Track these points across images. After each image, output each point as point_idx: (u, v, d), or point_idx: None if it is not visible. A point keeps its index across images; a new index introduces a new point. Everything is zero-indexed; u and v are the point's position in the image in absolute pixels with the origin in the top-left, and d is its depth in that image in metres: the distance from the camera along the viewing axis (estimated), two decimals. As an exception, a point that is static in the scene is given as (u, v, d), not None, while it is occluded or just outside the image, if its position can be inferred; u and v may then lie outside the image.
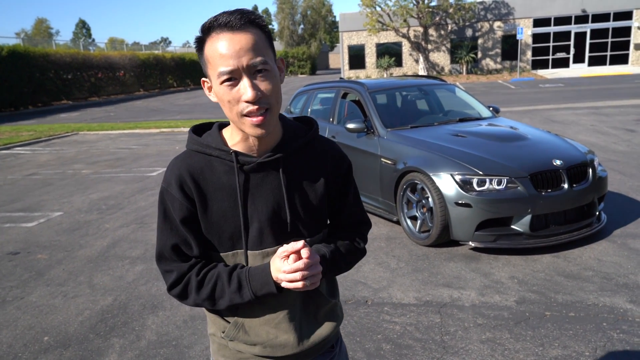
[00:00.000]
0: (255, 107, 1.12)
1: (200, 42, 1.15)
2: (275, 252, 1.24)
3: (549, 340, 2.95)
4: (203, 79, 1.24)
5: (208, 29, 1.13)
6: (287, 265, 1.14)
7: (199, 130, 1.32)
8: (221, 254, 1.26)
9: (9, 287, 4.11)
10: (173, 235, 1.24)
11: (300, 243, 1.15)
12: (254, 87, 1.11)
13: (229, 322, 1.32)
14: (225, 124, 1.32)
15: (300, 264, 1.14)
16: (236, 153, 1.23)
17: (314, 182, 1.30)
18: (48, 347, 3.15)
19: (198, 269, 1.24)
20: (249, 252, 1.25)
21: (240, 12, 1.12)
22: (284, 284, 1.17)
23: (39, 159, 10.27)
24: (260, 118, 1.13)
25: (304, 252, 1.14)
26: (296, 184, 1.28)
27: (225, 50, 1.10)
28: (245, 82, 1.11)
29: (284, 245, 1.18)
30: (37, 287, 4.07)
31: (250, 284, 1.21)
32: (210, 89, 1.21)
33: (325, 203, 1.33)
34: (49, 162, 9.91)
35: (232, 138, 1.25)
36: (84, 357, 3.02)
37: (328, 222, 1.39)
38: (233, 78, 1.11)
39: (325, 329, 1.36)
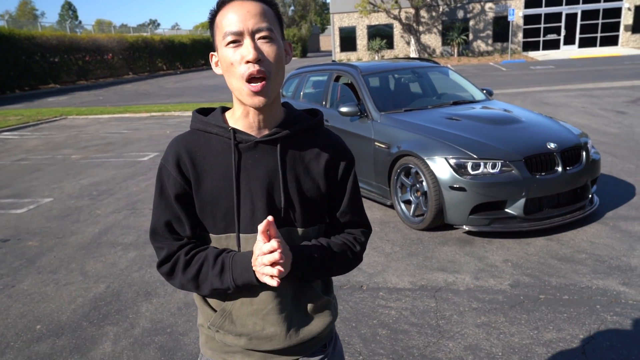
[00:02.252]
0: (256, 68, 1.12)
1: (213, 16, 1.19)
2: None
3: (543, 324, 2.97)
4: (212, 52, 1.26)
5: (222, 3, 1.17)
6: (264, 245, 1.08)
7: (202, 112, 1.32)
8: (214, 235, 1.24)
9: (0, 275, 4.06)
10: (167, 212, 1.24)
11: (264, 222, 1.09)
12: (256, 48, 1.13)
13: (216, 312, 1.29)
14: (229, 107, 1.31)
15: (274, 242, 1.07)
16: (234, 130, 1.22)
17: (312, 171, 1.27)
18: (41, 336, 3.13)
19: (188, 249, 1.23)
20: (241, 235, 1.22)
21: None
22: (257, 271, 1.12)
23: (28, 144, 10.13)
24: (259, 85, 1.13)
25: (272, 231, 1.09)
26: (293, 169, 1.25)
27: (233, 13, 1.14)
28: (247, 43, 1.13)
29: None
30: (28, 275, 4.02)
31: (232, 269, 1.18)
32: (217, 63, 1.23)
33: (322, 195, 1.28)
34: (37, 147, 9.78)
35: (234, 116, 1.25)
36: (77, 346, 2.99)
37: (326, 218, 1.34)
38: (237, 41, 1.14)
39: (317, 325, 1.31)
